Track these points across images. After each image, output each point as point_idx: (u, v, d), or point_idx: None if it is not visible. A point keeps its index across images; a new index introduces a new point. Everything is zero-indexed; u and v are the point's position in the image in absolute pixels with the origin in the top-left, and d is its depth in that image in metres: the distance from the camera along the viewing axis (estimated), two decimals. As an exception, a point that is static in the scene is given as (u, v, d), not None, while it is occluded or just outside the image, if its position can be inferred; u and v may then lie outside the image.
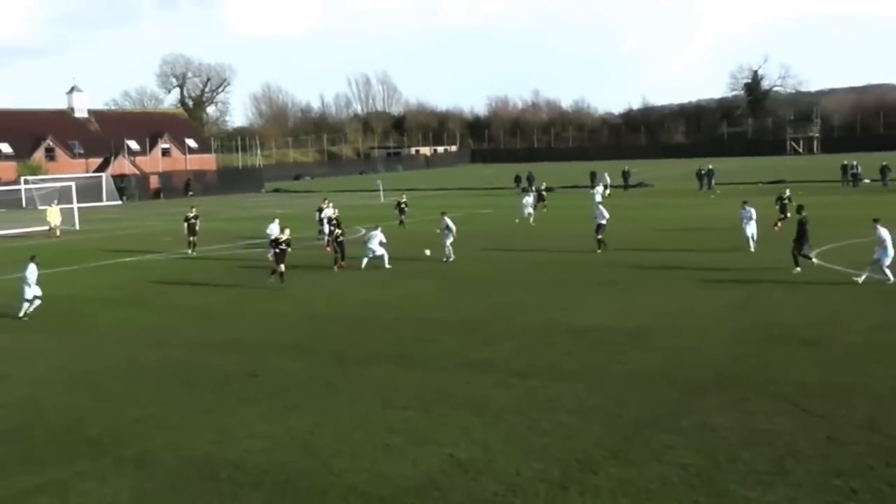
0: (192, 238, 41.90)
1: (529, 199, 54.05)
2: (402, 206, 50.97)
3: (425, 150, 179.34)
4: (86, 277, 35.79)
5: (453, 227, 36.12)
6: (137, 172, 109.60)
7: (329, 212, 40.51)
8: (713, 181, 73.76)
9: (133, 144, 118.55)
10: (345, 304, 27.67)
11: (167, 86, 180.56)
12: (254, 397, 17.49)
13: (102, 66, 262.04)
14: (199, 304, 28.65)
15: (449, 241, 35.85)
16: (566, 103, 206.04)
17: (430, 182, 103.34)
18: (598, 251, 35.61)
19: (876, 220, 27.79)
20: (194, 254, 41.42)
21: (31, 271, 26.96)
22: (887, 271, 26.58)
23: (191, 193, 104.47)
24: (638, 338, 21.15)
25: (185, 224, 42.34)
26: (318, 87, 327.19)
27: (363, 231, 35.67)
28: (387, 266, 34.03)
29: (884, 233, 27.05)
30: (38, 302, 26.86)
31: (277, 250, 31.16)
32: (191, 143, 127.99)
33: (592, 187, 61.60)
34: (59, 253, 43.12)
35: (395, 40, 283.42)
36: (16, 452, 14.78)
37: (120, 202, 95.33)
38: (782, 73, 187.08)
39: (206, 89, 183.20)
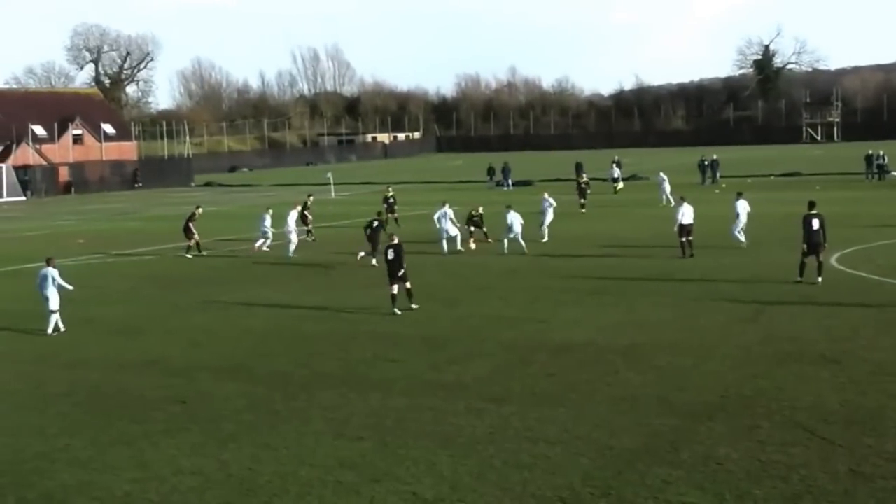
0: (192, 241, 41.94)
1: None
2: (391, 200, 50.79)
3: (383, 138, 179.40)
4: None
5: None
6: (44, 163, 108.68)
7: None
8: (718, 173, 74.23)
9: (39, 130, 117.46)
10: (289, 316, 27.60)
11: (79, 61, 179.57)
12: (182, 427, 17.38)
13: (2, 37, 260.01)
14: (116, 318, 28.47)
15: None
16: (547, 83, 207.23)
17: (389, 174, 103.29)
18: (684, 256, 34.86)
19: None
20: (191, 256, 41.18)
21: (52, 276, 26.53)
22: None
23: (139, 185, 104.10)
24: (630, 356, 21.22)
25: (189, 224, 42.04)
26: (257, 63, 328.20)
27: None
28: (458, 248, 37.86)
29: None
30: (52, 318, 26.39)
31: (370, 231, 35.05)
32: (107, 128, 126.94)
33: (577, 179, 61.71)
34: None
35: (349, 9, 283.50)
36: None
37: (23, 197, 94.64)
38: (797, 49, 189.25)
39: (126, 66, 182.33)
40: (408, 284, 27.51)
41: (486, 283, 32.00)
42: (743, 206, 37.39)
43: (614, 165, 73.38)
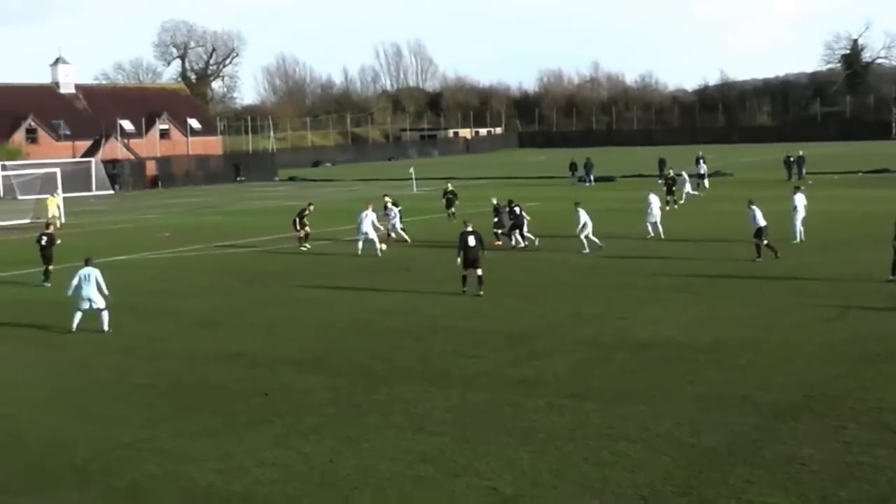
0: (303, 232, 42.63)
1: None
2: (450, 195, 50.90)
3: (465, 133, 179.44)
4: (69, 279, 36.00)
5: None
6: (132, 157, 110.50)
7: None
8: (804, 169, 73.12)
9: (127, 125, 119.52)
10: (370, 310, 27.76)
11: (166, 57, 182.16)
12: (264, 419, 17.58)
13: (92, 34, 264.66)
14: (200, 311, 28.86)
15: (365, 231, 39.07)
16: (630, 78, 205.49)
17: (470, 170, 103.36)
18: (758, 259, 33.84)
19: None
20: (308, 247, 41.90)
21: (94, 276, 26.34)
22: None
23: (241, 179, 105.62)
24: (713, 354, 21.04)
25: (298, 219, 42.79)
26: (340, 59, 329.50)
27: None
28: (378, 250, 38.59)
29: None
30: (103, 315, 26.19)
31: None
32: (193, 123, 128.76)
33: (660, 176, 61.13)
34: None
35: (431, 5, 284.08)
36: (-10, 480, 14.96)
37: (111, 191, 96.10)
38: (887, 43, 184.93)
39: (212, 61, 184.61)
40: (479, 272, 28.98)
41: (566, 279, 31.89)
42: (800, 201, 37.67)
43: (701, 162, 72.55)
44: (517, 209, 40.21)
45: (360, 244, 39.02)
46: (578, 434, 15.96)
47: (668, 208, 52.56)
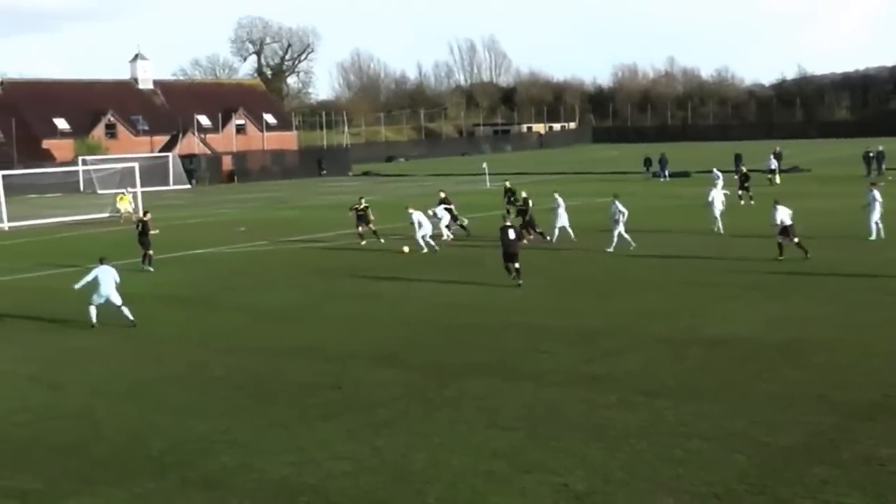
0: (361, 228, 42.57)
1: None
2: (510, 193, 50.80)
3: (538, 128, 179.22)
4: (146, 272, 36.66)
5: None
6: (208, 152, 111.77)
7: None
8: (883, 165, 71.95)
9: (204, 120, 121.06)
10: (442, 306, 27.83)
11: (242, 53, 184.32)
12: (337, 413, 17.71)
13: (170, 30, 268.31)
14: (274, 305, 29.14)
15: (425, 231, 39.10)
16: (706, 73, 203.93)
17: (544, 165, 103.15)
18: (781, 258, 33.15)
19: None
20: (365, 244, 42.01)
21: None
22: None
23: (324, 172, 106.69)
24: (789, 352, 20.78)
25: (354, 213, 43.07)
26: (414, 54, 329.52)
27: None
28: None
29: None
30: (125, 310, 26.67)
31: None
32: (269, 118, 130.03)
33: (736, 172, 60.28)
34: (115, 244, 44.21)
35: (505, 0, 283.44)
36: (71, 470, 15.25)
37: (188, 186, 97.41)
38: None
39: (287, 57, 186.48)
40: (517, 265, 30.17)
41: (639, 276, 31.68)
42: (877, 197, 37.20)
43: (772, 157, 71.68)
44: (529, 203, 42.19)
45: (422, 241, 39.11)
46: (651, 431, 15.87)
47: (742, 203, 51.99)
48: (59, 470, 15.29)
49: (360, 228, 42.20)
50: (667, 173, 78.78)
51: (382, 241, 41.80)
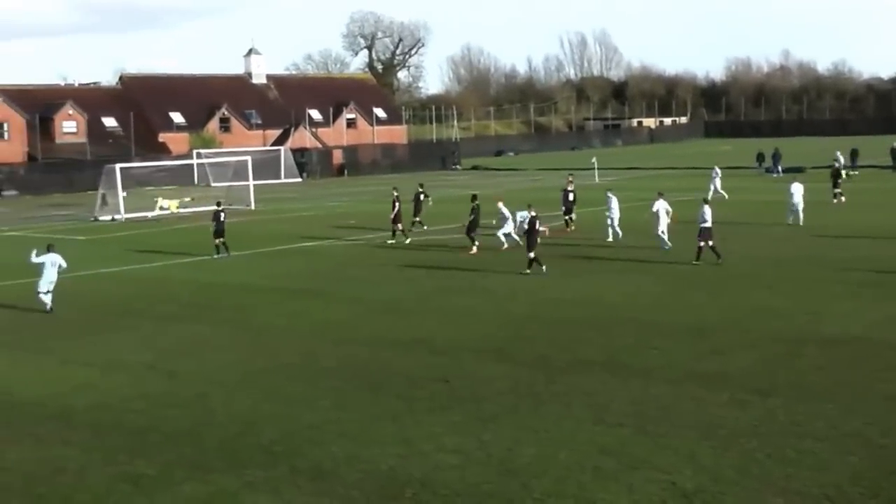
0: (415, 219, 43.94)
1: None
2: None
3: (649, 122, 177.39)
4: (259, 264, 37.29)
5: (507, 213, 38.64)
6: (319, 146, 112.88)
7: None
8: None
9: (315, 114, 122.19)
10: (550, 301, 27.77)
11: (354, 47, 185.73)
12: (445, 406, 17.82)
13: (283, 25, 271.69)
14: (384, 298, 29.37)
15: (507, 230, 38.62)
16: (822, 66, 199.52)
17: (654, 159, 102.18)
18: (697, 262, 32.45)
19: None
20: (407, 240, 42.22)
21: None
22: None
23: (455, 167, 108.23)
24: (907, 352, 20.32)
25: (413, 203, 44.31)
26: (524, 48, 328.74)
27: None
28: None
29: None
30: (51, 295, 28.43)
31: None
32: (379, 112, 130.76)
33: (853, 167, 58.95)
34: (231, 235, 44.99)
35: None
36: (184, 457, 15.60)
37: (299, 179, 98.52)
38: None
39: (398, 51, 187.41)
40: (532, 254, 31.79)
41: (752, 272, 31.22)
42: None
43: (839, 154, 69.99)
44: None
45: (502, 237, 38.73)
46: (762, 430, 15.67)
47: (835, 201, 51.06)
48: (173, 456, 15.65)
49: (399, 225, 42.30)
50: (780, 169, 77.30)
51: (408, 241, 41.82)
